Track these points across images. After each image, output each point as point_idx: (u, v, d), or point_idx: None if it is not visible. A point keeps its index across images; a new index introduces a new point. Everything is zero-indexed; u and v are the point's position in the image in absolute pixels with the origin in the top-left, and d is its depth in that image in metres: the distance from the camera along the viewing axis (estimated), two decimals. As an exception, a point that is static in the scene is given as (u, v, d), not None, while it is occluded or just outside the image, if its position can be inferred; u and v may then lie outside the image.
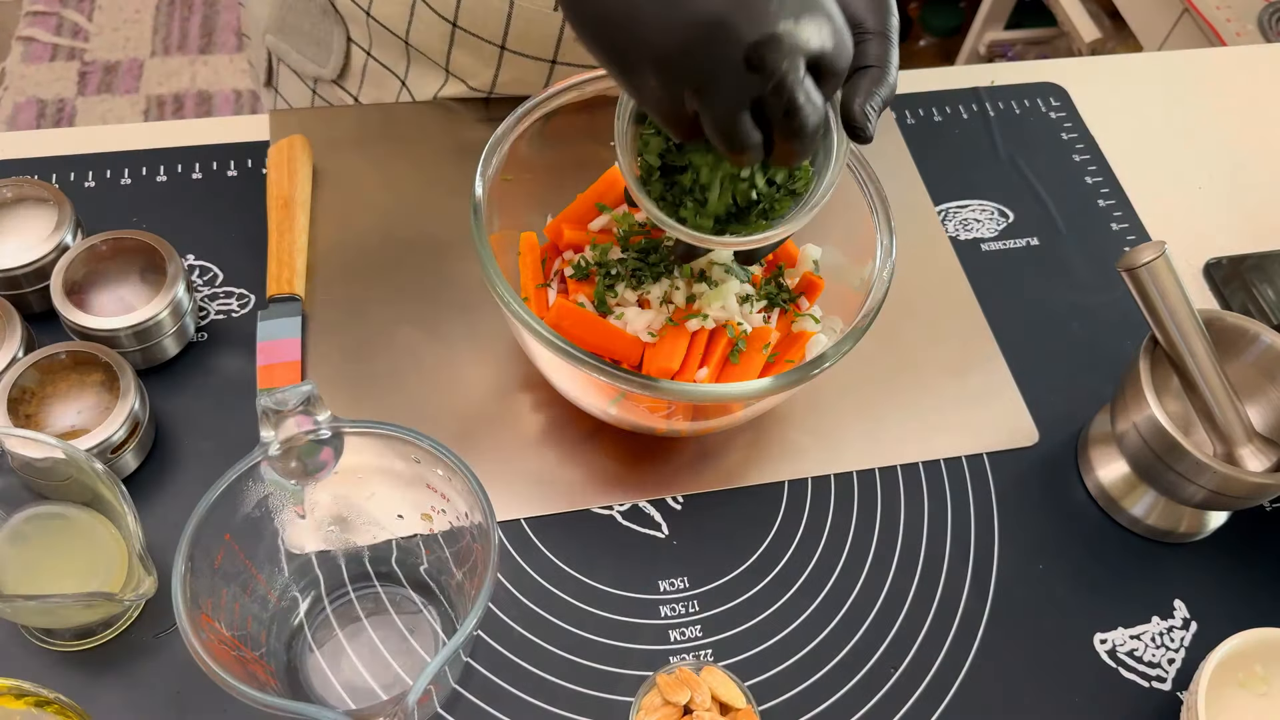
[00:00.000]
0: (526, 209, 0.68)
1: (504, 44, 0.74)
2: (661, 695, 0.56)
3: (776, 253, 0.68)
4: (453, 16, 0.73)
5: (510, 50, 0.74)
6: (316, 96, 0.84)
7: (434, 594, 0.60)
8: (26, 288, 0.66)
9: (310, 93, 0.84)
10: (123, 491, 0.53)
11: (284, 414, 0.52)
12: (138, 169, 0.75)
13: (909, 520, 0.66)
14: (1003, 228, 0.80)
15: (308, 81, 0.84)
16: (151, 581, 0.51)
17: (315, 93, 0.84)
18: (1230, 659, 0.57)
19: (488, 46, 0.74)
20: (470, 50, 0.75)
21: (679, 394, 0.56)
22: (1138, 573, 0.66)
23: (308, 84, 0.84)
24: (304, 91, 0.85)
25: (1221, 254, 0.80)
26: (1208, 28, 1.42)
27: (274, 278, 0.69)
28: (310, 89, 0.84)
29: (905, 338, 0.73)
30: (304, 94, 0.85)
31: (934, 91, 0.87)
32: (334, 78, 0.82)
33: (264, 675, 0.53)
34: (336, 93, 0.83)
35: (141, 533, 0.52)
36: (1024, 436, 0.70)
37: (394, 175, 0.77)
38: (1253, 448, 0.63)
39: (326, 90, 0.83)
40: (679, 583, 0.63)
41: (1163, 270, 0.59)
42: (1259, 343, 0.64)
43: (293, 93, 0.86)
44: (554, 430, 0.67)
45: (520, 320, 0.56)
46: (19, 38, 2.13)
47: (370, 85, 0.81)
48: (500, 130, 0.63)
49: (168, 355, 0.66)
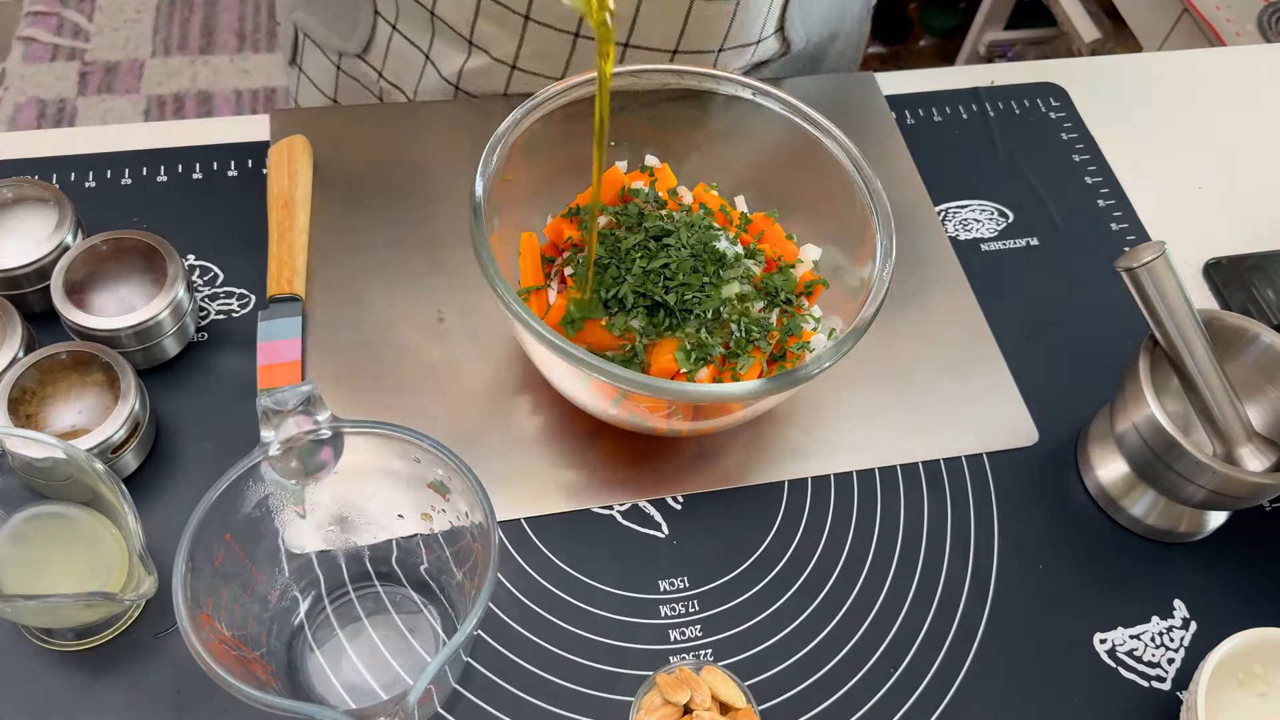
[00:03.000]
0: (526, 209, 0.68)
1: (528, 14, 0.74)
2: (661, 695, 0.56)
3: (776, 252, 0.68)
4: None
5: (534, 20, 0.75)
6: (341, 73, 0.85)
7: (434, 594, 0.60)
8: (27, 288, 0.66)
9: (334, 69, 0.86)
10: (123, 491, 0.53)
11: (284, 414, 0.52)
12: (138, 169, 0.75)
13: (909, 520, 0.66)
14: (1003, 228, 0.80)
15: (331, 56, 0.85)
16: (152, 581, 0.51)
17: (339, 68, 0.85)
18: (1230, 659, 0.57)
19: (512, 16, 0.75)
20: (495, 20, 0.76)
21: (679, 394, 0.56)
22: (1137, 573, 0.66)
23: (332, 59, 0.86)
24: (328, 69, 0.86)
25: (1221, 254, 0.80)
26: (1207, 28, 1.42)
27: (274, 278, 0.69)
28: (335, 64, 0.86)
29: (905, 338, 0.73)
30: (328, 71, 0.86)
31: (934, 91, 0.87)
32: (359, 51, 0.83)
33: (264, 675, 0.53)
34: (360, 67, 0.84)
35: (142, 532, 0.52)
36: (1024, 436, 0.70)
37: (394, 175, 0.77)
38: (1252, 447, 0.63)
39: (350, 65, 0.85)
40: (679, 583, 0.63)
41: (1162, 270, 0.59)
42: (1259, 343, 0.64)
43: (317, 70, 0.87)
44: (554, 430, 0.67)
45: (520, 320, 0.56)
46: (19, 38, 2.13)
47: (394, 60, 0.82)
48: (500, 130, 0.63)
49: (168, 355, 0.66)
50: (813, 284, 0.67)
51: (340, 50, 0.85)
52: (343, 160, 0.77)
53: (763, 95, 0.67)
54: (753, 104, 0.68)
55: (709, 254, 0.63)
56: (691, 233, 0.63)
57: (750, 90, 0.67)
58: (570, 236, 0.67)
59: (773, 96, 0.67)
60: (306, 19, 0.85)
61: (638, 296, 0.62)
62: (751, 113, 0.68)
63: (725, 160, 0.71)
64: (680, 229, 0.63)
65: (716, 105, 0.69)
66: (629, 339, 0.62)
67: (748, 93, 0.67)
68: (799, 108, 0.67)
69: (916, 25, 2.13)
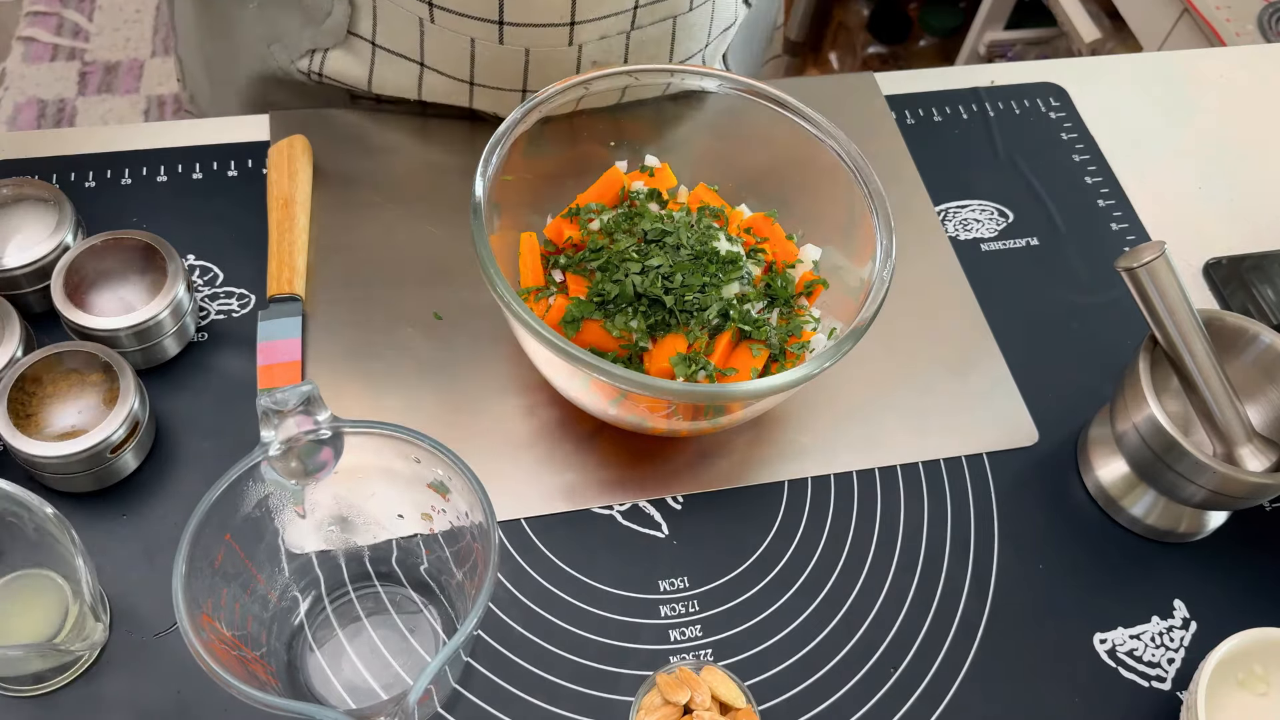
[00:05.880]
0: (526, 209, 0.68)
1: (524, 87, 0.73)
2: (661, 695, 0.56)
3: (776, 253, 0.68)
4: (468, 76, 0.73)
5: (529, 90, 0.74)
6: None
7: (434, 594, 0.60)
8: (26, 288, 0.66)
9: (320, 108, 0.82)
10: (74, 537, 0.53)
11: (284, 414, 0.52)
12: (138, 169, 0.75)
13: (909, 520, 0.66)
14: (1003, 228, 0.80)
15: None
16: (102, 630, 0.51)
17: None
18: (1230, 659, 0.57)
19: (508, 94, 0.74)
20: (491, 99, 0.75)
21: (679, 394, 0.56)
22: (1138, 573, 0.66)
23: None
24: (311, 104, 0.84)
25: (1221, 254, 0.80)
26: (1207, 28, 1.42)
27: (274, 278, 0.69)
28: None
29: (905, 338, 0.73)
30: None
31: (934, 91, 0.87)
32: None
33: (264, 675, 0.53)
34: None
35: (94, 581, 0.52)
36: (1024, 436, 0.70)
37: (394, 175, 0.77)
38: (1252, 448, 0.63)
39: None
40: (679, 583, 0.63)
41: (1162, 270, 0.59)
42: (1259, 343, 0.64)
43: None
44: (554, 430, 0.67)
45: (520, 320, 0.56)
46: (19, 38, 2.13)
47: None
48: (500, 130, 0.63)
49: (168, 355, 0.66)
50: (813, 284, 0.67)
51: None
52: (343, 160, 0.77)
53: (763, 95, 0.67)
54: (753, 104, 0.68)
55: (709, 254, 0.63)
56: (691, 233, 0.63)
57: (750, 91, 0.67)
58: (570, 237, 0.67)
59: (772, 97, 0.67)
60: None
61: (637, 297, 0.62)
62: (752, 113, 0.68)
63: (725, 160, 0.71)
64: (680, 229, 0.63)
65: (716, 105, 0.69)
66: (629, 339, 0.62)
67: (748, 93, 0.67)
68: (799, 108, 0.67)
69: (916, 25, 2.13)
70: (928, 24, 2.11)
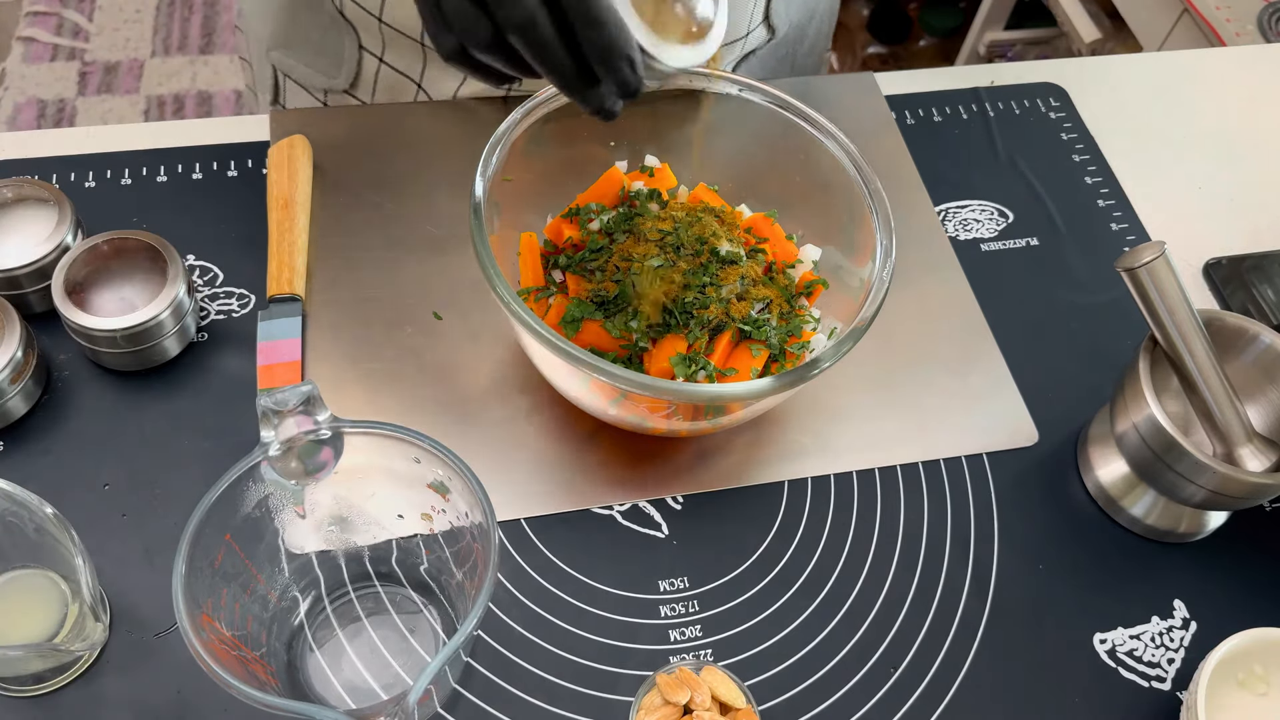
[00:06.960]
0: (526, 209, 0.68)
1: None
2: (661, 695, 0.56)
3: (776, 252, 0.68)
4: None
5: None
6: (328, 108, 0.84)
7: (434, 594, 0.60)
8: (27, 288, 0.66)
9: (321, 106, 0.84)
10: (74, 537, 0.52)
11: (284, 414, 0.52)
12: (138, 169, 0.75)
13: (909, 520, 0.66)
14: (1002, 228, 0.80)
15: (317, 94, 0.83)
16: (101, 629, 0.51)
17: (326, 105, 0.84)
18: (1230, 659, 0.57)
19: None
20: None
21: (679, 394, 0.57)
22: (1137, 573, 0.66)
23: (317, 97, 0.84)
24: (314, 106, 0.84)
25: (1221, 254, 0.80)
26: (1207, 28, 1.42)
27: (274, 278, 0.69)
28: (321, 102, 0.84)
29: (905, 338, 0.73)
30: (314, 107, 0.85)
31: (934, 92, 0.87)
32: (346, 87, 0.81)
33: (264, 675, 0.53)
34: (349, 103, 0.82)
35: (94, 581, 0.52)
36: (1024, 436, 0.70)
37: (394, 175, 0.77)
38: (1252, 448, 0.63)
39: (338, 100, 0.83)
40: (679, 583, 0.63)
41: (1162, 270, 0.59)
42: (1259, 343, 0.64)
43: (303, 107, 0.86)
44: (554, 430, 0.67)
45: (520, 320, 0.56)
46: (19, 38, 2.13)
47: (383, 91, 0.81)
48: (500, 130, 0.63)
49: (168, 355, 0.66)
50: (813, 284, 0.67)
51: (326, 88, 0.83)
52: (343, 160, 0.77)
53: (763, 95, 0.67)
54: (753, 104, 0.68)
55: (709, 254, 0.63)
56: (691, 233, 0.63)
57: (750, 90, 0.67)
58: (570, 237, 0.67)
59: (773, 97, 0.67)
60: (286, 60, 0.83)
61: (637, 298, 0.62)
62: (751, 113, 0.68)
63: (725, 160, 0.71)
64: (680, 229, 0.63)
65: (716, 105, 0.69)
66: (629, 339, 0.62)
67: (748, 93, 0.67)
68: (799, 108, 0.67)
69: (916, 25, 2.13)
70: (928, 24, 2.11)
